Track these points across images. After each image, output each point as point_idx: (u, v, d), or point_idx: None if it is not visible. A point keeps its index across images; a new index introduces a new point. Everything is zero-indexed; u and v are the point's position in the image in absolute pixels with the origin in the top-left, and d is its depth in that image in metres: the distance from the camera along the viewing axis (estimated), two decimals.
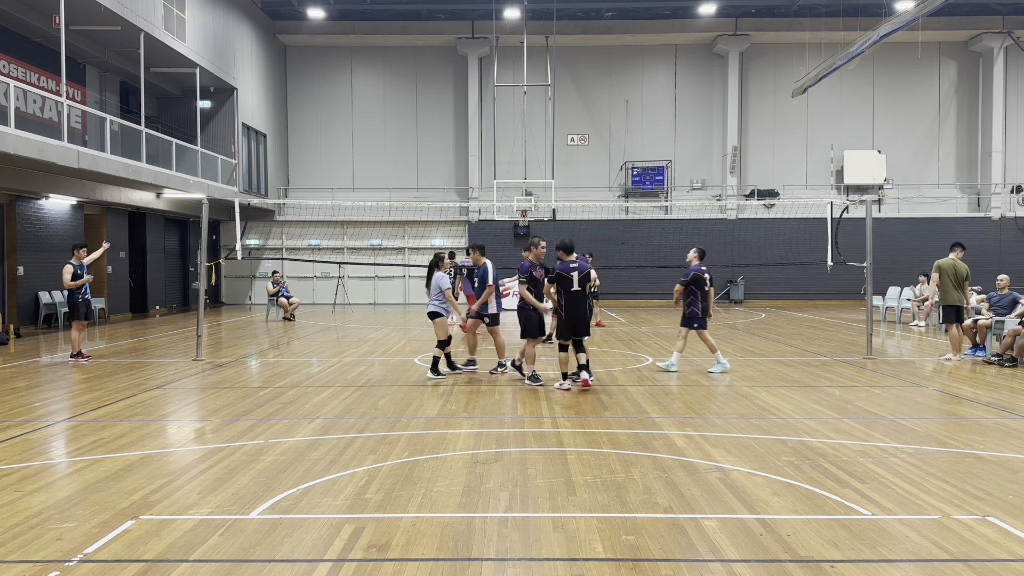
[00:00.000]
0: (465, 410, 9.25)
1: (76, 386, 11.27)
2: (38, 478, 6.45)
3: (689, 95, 32.34)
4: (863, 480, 6.27)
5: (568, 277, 10.31)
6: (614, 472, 6.51)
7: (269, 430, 8.18)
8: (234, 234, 22.72)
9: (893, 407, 9.41)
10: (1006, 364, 12.75)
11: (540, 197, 29.34)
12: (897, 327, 20.36)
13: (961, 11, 30.23)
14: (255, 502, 5.73)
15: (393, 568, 4.55)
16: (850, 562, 4.63)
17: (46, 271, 19.79)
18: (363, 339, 17.73)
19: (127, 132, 19.99)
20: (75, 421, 8.75)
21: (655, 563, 4.60)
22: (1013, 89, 31.53)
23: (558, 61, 30.94)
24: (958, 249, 13.66)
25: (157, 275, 25.97)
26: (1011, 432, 8.08)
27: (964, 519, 5.35)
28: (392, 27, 31.52)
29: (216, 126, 26.99)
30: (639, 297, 30.24)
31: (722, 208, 31.15)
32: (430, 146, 32.60)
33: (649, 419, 8.69)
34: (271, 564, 4.61)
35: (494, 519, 5.38)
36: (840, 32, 28.76)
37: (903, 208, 31.58)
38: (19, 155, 15.24)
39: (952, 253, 13.56)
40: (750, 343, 16.61)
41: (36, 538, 5.03)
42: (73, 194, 19.94)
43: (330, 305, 29.89)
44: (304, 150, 32.78)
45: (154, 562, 4.63)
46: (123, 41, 20.98)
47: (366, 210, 30.26)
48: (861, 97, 32.06)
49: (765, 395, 10.21)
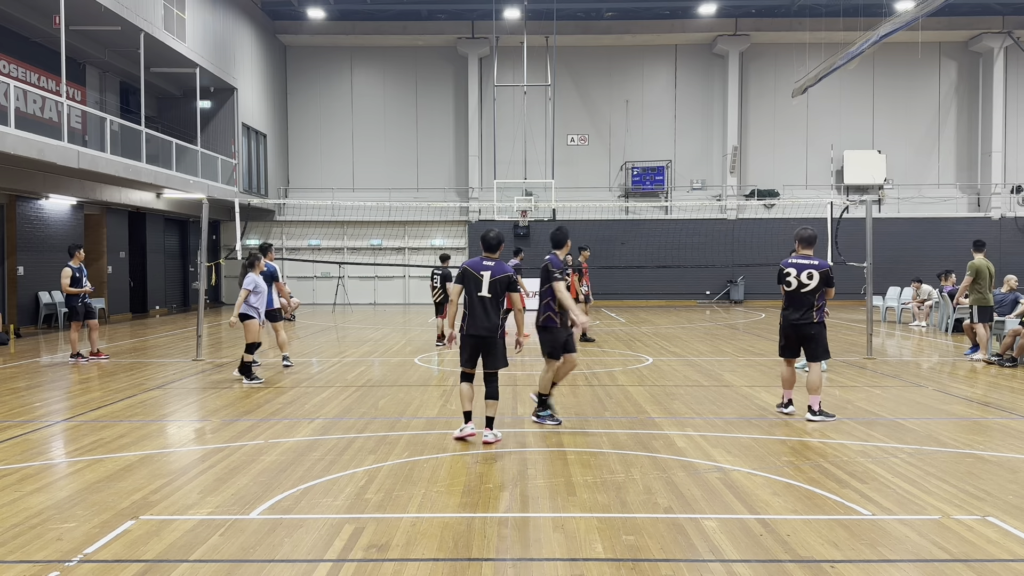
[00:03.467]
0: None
1: (76, 386, 11.27)
2: (38, 478, 6.45)
3: (689, 95, 32.34)
4: (863, 480, 6.27)
5: (477, 276, 7.68)
6: (614, 472, 6.51)
7: (269, 430, 8.18)
8: (234, 234, 22.72)
9: (893, 407, 9.41)
10: (1006, 364, 12.75)
11: (540, 197, 29.34)
12: (897, 327, 20.36)
13: (961, 11, 30.21)
14: (255, 502, 5.73)
15: (393, 568, 4.55)
16: (850, 562, 4.63)
17: (46, 271, 19.79)
18: (363, 339, 17.73)
19: (127, 132, 19.99)
20: (75, 421, 8.75)
21: (655, 563, 4.60)
22: (1013, 89, 31.52)
23: (558, 61, 30.94)
24: (984, 248, 13.64)
25: (157, 275, 25.97)
26: (1011, 432, 8.08)
27: (964, 519, 5.35)
28: (392, 27, 31.52)
29: (216, 126, 26.99)
30: (639, 297, 30.25)
31: (722, 208, 31.15)
32: (430, 146, 32.60)
33: (649, 419, 8.69)
34: (271, 564, 4.61)
35: (494, 519, 5.38)
36: (840, 32, 28.74)
37: (903, 208, 31.58)
38: (19, 155, 15.24)
39: (980, 253, 13.50)
40: (750, 343, 16.61)
41: (36, 538, 5.02)
42: (73, 194, 19.93)
43: (330, 305, 29.89)
44: (304, 150, 32.78)
45: (154, 562, 4.63)
46: (123, 41, 20.97)
47: (366, 210, 30.25)
48: (861, 97, 32.06)
49: (765, 395, 10.21)
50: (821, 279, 8.47)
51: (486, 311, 7.61)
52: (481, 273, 7.66)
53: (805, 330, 8.57)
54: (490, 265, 7.72)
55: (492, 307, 7.63)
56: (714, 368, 12.75)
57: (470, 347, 7.69)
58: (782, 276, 8.68)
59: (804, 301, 8.54)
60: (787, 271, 8.63)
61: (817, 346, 8.60)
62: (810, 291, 8.49)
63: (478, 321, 7.60)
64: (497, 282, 7.63)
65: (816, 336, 8.58)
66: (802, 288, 8.52)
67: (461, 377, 7.83)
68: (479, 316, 7.60)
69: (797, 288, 8.54)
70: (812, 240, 8.71)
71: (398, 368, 12.92)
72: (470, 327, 7.64)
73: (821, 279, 8.47)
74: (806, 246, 8.69)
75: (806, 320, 8.55)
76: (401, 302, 31.76)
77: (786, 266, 8.67)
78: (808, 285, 8.50)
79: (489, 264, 7.73)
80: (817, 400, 8.54)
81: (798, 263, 8.61)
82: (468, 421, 7.71)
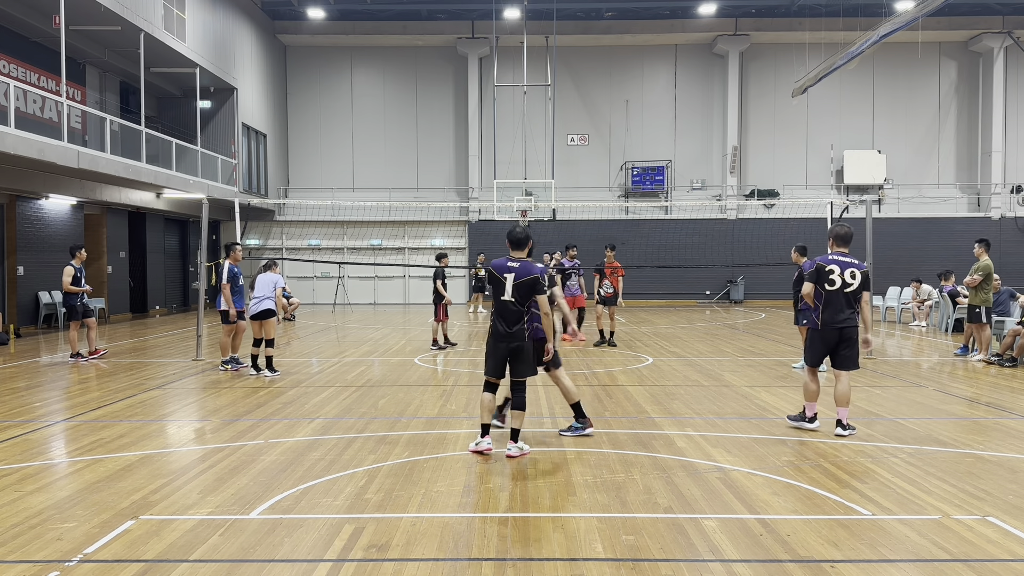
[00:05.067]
0: (465, 410, 9.25)
1: (76, 386, 11.27)
2: (38, 478, 6.45)
3: (689, 95, 32.34)
4: (863, 480, 6.27)
5: (500, 278, 7.20)
6: (614, 472, 6.51)
7: (269, 430, 8.18)
8: (234, 234, 22.71)
9: (893, 407, 9.41)
10: (1006, 364, 12.75)
11: (540, 197, 29.32)
12: (897, 327, 20.36)
13: (961, 11, 30.22)
14: (255, 502, 5.73)
15: (393, 568, 4.55)
16: (850, 562, 4.63)
17: (46, 271, 19.79)
18: (363, 339, 17.73)
19: (127, 132, 19.99)
20: (75, 421, 8.75)
21: (655, 563, 4.60)
22: (1013, 89, 31.52)
23: (558, 61, 30.93)
24: (989, 248, 13.68)
25: (157, 275, 25.96)
26: (1011, 432, 8.07)
27: (964, 519, 5.35)
28: (392, 27, 31.52)
29: (216, 126, 26.99)
30: (639, 297, 30.23)
31: (722, 208, 31.14)
32: (430, 146, 32.60)
33: (649, 419, 8.69)
34: (271, 564, 4.61)
35: (494, 519, 5.38)
36: (840, 32, 28.74)
37: (903, 208, 31.57)
38: (19, 155, 15.24)
39: (987, 252, 13.52)
40: (750, 343, 16.61)
41: (36, 538, 5.03)
42: (73, 194, 19.94)
43: (330, 305, 29.89)
44: (304, 150, 32.78)
45: (154, 562, 4.63)
46: (123, 41, 20.97)
47: (366, 210, 30.26)
48: (861, 97, 32.05)
49: (765, 395, 10.21)
50: (863, 279, 7.93)
51: (512, 315, 7.11)
52: (504, 276, 7.13)
53: (849, 333, 7.90)
54: (514, 267, 7.15)
55: (518, 311, 7.11)
56: (714, 368, 12.75)
57: (498, 354, 7.18)
58: (823, 273, 7.93)
59: (846, 302, 7.89)
60: (830, 268, 7.91)
61: (853, 351, 7.94)
62: (853, 291, 7.88)
63: (505, 326, 7.12)
64: (521, 285, 7.06)
65: (855, 341, 7.94)
66: (846, 288, 7.87)
67: (485, 387, 7.28)
68: (507, 320, 7.12)
69: (840, 287, 7.87)
70: (850, 238, 8.09)
71: (398, 368, 12.92)
72: (494, 331, 7.18)
73: (863, 279, 7.93)
74: (843, 244, 8.06)
75: (850, 323, 7.90)
76: (401, 302, 31.76)
77: (827, 263, 7.95)
78: (852, 285, 7.88)
79: (513, 265, 7.16)
80: (847, 412, 7.96)
81: (841, 261, 7.94)
82: (486, 435, 7.18)
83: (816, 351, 8.06)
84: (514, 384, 7.21)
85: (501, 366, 7.20)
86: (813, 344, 8.10)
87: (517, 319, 7.13)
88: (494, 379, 7.24)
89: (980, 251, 13.54)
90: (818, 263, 8.03)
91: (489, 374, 7.24)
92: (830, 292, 7.91)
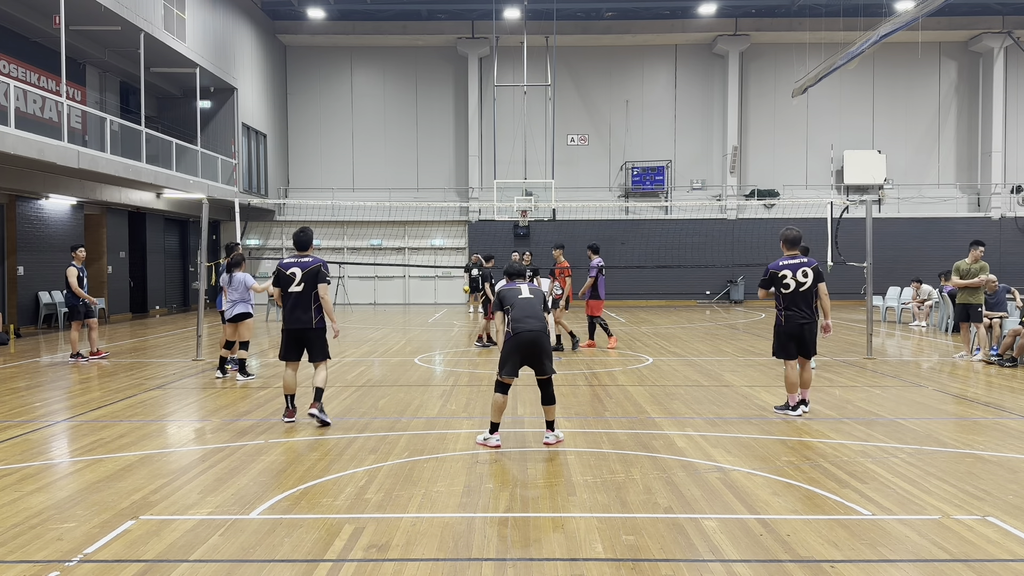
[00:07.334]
0: (465, 410, 9.25)
1: (76, 386, 11.27)
2: (38, 478, 6.45)
3: (689, 95, 32.34)
4: (863, 480, 6.27)
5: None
6: (614, 472, 6.51)
7: (269, 430, 8.18)
8: (234, 234, 22.71)
9: (893, 407, 9.41)
10: (1006, 364, 12.75)
11: (540, 197, 29.33)
12: (897, 327, 20.36)
13: (961, 11, 30.22)
14: (255, 502, 5.73)
15: (393, 568, 4.55)
16: (850, 562, 4.63)
17: (46, 271, 19.79)
18: (363, 339, 17.73)
19: (127, 132, 19.99)
20: (75, 421, 8.75)
21: (655, 563, 4.60)
22: (1013, 89, 31.52)
23: (558, 61, 30.94)
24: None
25: (157, 275, 25.96)
26: (1011, 432, 8.07)
27: (964, 519, 5.35)
28: (392, 27, 31.52)
29: (216, 126, 26.99)
30: (639, 297, 30.24)
31: (722, 208, 31.14)
32: (430, 146, 32.60)
33: (649, 419, 8.69)
34: (271, 564, 4.61)
35: (494, 519, 5.38)
36: (840, 32, 28.74)
37: (903, 208, 31.58)
38: (19, 155, 15.24)
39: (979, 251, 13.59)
40: (750, 343, 16.61)
41: (36, 538, 5.02)
42: (73, 194, 19.93)
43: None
44: (304, 150, 32.78)
45: (154, 562, 4.63)
46: (123, 41, 20.97)
47: (366, 210, 30.26)
48: (861, 97, 32.06)
49: (765, 395, 10.21)
50: (815, 275, 8.67)
51: (534, 308, 7.45)
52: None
53: (812, 329, 8.75)
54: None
55: (538, 305, 7.50)
56: (714, 368, 12.75)
57: (521, 352, 7.32)
58: (777, 280, 8.73)
59: (805, 300, 8.68)
60: (782, 273, 8.70)
61: (814, 343, 8.85)
62: (808, 289, 8.65)
63: (529, 321, 7.37)
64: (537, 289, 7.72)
65: (815, 333, 8.86)
66: (800, 287, 8.65)
67: (497, 387, 7.40)
68: (530, 314, 7.41)
69: (796, 288, 8.65)
70: (798, 240, 8.88)
71: (398, 368, 12.92)
72: (516, 328, 7.35)
73: (815, 275, 8.67)
74: (792, 246, 8.84)
75: (809, 319, 8.71)
76: (401, 302, 31.76)
77: (779, 268, 8.75)
78: (805, 283, 8.65)
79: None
80: (808, 392, 8.96)
81: (791, 264, 8.74)
82: (495, 432, 7.39)
83: (784, 346, 8.81)
84: (541, 382, 7.52)
85: (518, 367, 7.44)
86: (780, 340, 8.84)
87: (539, 313, 7.54)
88: (510, 380, 7.43)
89: (980, 252, 13.54)
90: (771, 271, 8.79)
91: (507, 375, 7.40)
92: (787, 294, 8.69)
